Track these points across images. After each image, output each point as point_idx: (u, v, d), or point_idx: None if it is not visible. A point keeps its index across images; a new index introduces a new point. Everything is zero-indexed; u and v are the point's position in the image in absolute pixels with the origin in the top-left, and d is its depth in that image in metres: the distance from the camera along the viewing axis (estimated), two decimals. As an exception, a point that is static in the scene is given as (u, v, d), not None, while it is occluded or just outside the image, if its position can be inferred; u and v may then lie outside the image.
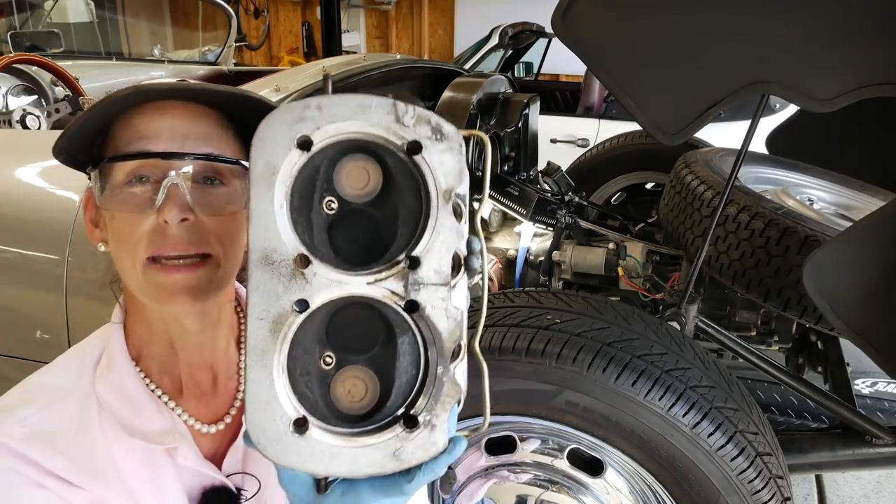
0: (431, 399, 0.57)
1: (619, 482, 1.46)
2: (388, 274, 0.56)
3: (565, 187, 2.32)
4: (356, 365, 0.58)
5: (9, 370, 1.87)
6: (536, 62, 5.23)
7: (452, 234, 0.56)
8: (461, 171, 0.56)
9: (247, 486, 0.82)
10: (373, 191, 0.56)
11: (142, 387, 0.79)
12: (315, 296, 0.56)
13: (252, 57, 9.77)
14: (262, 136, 0.55)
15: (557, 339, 1.34)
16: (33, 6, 4.50)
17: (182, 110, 0.75)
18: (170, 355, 0.81)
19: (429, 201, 0.56)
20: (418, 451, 0.57)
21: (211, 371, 0.83)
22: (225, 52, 4.10)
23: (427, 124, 0.56)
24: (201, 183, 0.74)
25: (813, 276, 1.23)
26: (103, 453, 0.75)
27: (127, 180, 0.73)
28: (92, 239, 0.81)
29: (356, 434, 0.57)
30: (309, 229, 0.56)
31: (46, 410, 0.75)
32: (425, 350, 0.58)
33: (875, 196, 2.13)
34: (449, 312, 0.57)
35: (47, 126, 2.69)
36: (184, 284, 0.73)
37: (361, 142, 0.56)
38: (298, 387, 0.57)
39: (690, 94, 1.21)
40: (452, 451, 0.58)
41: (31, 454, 0.72)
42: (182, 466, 0.79)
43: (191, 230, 0.73)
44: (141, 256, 0.72)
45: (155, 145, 0.73)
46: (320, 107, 0.55)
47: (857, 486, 2.55)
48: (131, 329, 0.82)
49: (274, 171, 0.55)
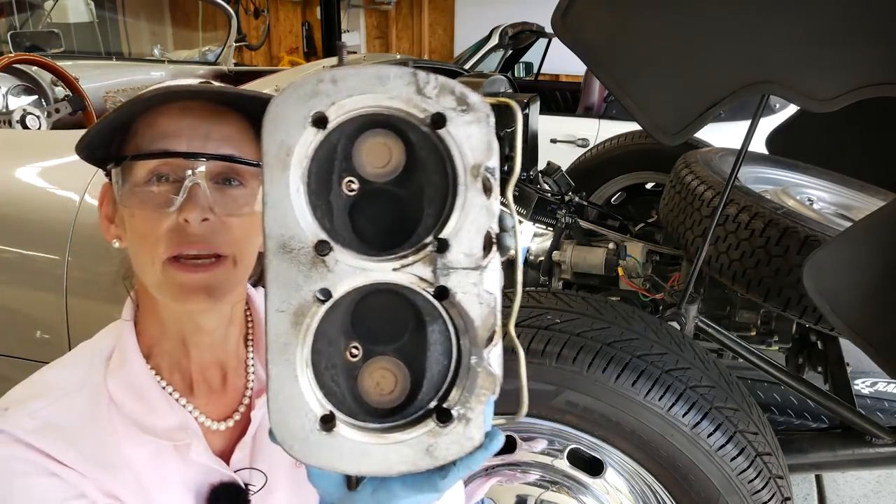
0: (465, 391, 0.54)
1: (619, 482, 1.46)
2: (414, 259, 0.53)
3: (565, 187, 2.32)
4: (384, 356, 0.54)
5: (9, 370, 1.87)
6: (536, 62, 5.23)
7: (483, 214, 0.52)
8: (490, 144, 0.52)
9: (254, 481, 0.83)
10: (395, 168, 0.53)
11: (154, 384, 0.80)
12: (338, 284, 0.52)
13: (252, 57, 9.77)
14: (274, 114, 0.51)
15: (557, 339, 1.34)
16: (33, 6, 4.50)
17: (205, 111, 0.75)
18: (182, 353, 0.81)
19: (456, 178, 0.52)
20: (453, 446, 0.54)
21: (221, 368, 0.84)
22: (225, 52, 4.10)
23: (451, 94, 0.51)
24: (220, 183, 0.75)
25: (813, 276, 1.23)
26: (114, 447, 0.76)
27: (147, 178, 0.74)
28: (107, 235, 0.81)
29: (386, 430, 0.54)
30: (329, 213, 0.53)
31: (57, 404, 0.75)
32: (457, 339, 0.54)
33: (875, 196, 2.13)
34: (482, 298, 0.53)
35: (47, 126, 2.69)
36: (202, 283, 0.73)
37: (381, 116, 0.52)
38: (324, 381, 0.54)
39: (690, 94, 1.21)
40: (489, 447, 0.55)
41: (43, 446, 0.72)
42: (191, 462, 0.79)
43: (210, 230, 0.73)
44: (161, 255, 0.73)
45: (176, 144, 0.73)
46: (335, 80, 0.51)
47: (857, 486, 2.55)
48: (143, 326, 0.82)
49: (288, 153, 0.51)
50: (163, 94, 0.72)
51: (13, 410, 0.74)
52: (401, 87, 0.51)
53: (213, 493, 0.80)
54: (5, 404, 0.75)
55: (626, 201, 3.16)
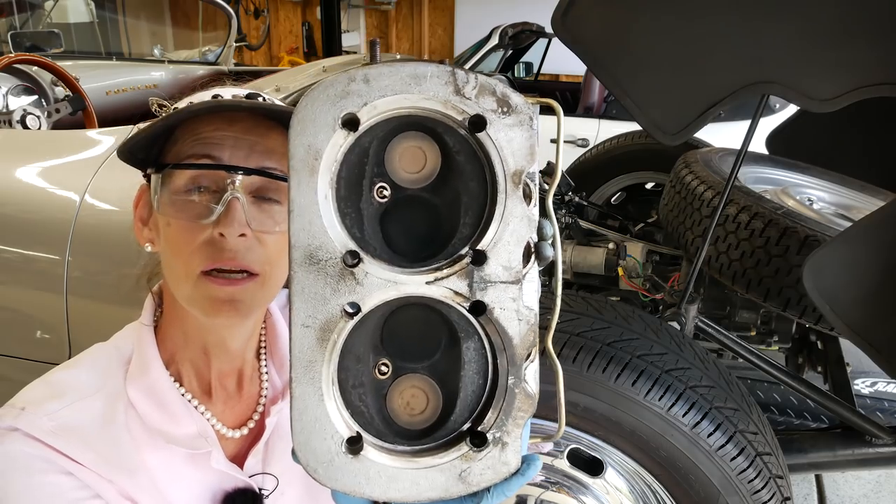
0: (502, 413, 0.51)
1: (619, 482, 1.46)
2: (449, 271, 0.49)
3: (565, 187, 2.32)
4: (415, 374, 0.51)
5: (9, 370, 1.87)
6: (536, 62, 5.23)
7: (524, 224, 0.49)
8: (531, 149, 0.49)
9: (266, 485, 0.83)
10: (430, 174, 0.49)
11: (174, 392, 0.80)
12: (367, 298, 0.49)
13: (252, 57, 9.77)
14: (302, 116, 0.48)
15: (557, 339, 1.34)
16: (33, 6, 4.50)
17: (249, 123, 0.75)
18: (202, 361, 0.81)
19: (495, 186, 0.49)
20: (487, 472, 0.51)
21: (238, 375, 0.85)
22: (225, 52, 4.10)
23: (492, 95, 0.48)
24: (259, 198, 0.74)
25: (813, 276, 1.23)
26: (131, 451, 0.76)
27: (187, 187, 0.73)
28: (140, 238, 0.81)
29: (416, 453, 0.51)
30: (359, 221, 0.49)
31: (74, 406, 0.75)
32: (493, 357, 0.51)
33: (875, 196, 2.13)
34: (521, 314, 0.50)
35: (47, 126, 2.69)
36: (231, 297, 0.73)
37: (416, 118, 0.49)
38: (351, 400, 0.51)
39: (690, 94, 1.21)
40: (526, 472, 0.52)
41: (61, 447, 0.72)
42: (208, 469, 0.79)
43: (245, 246, 0.73)
44: (196, 268, 0.72)
45: (220, 153, 0.72)
46: (367, 79, 0.48)
47: (857, 486, 2.55)
48: (165, 332, 0.82)
49: (317, 157, 0.48)
50: (213, 107, 0.72)
51: (30, 410, 0.74)
52: (438, 86, 0.48)
53: (229, 498, 0.81)
54: (21, 403, 0.75)
55: (626, 201, 3.16)
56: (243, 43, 7.31)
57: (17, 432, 0.72)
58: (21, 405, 0.74)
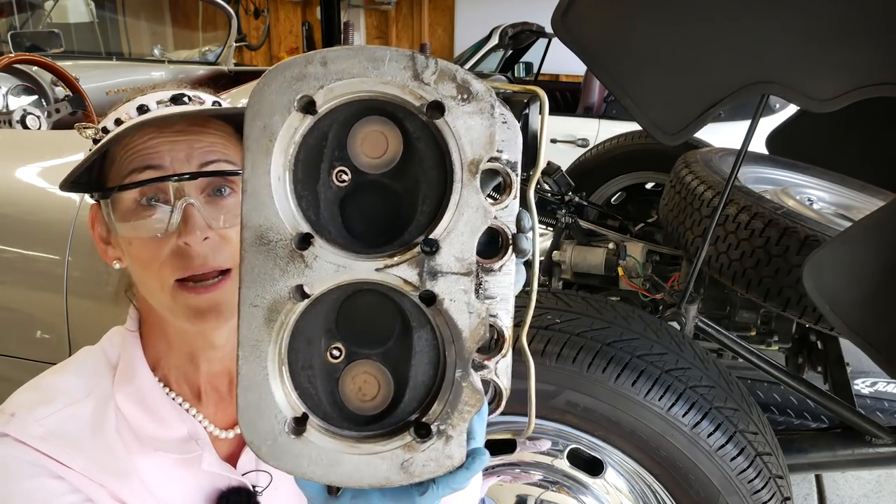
0: (447, 406, 0.50)
1: (619, 482, 1.46)
2: (400, 259, 0.49)
3: (565, 187, 2.32)
4: (368, 360, 0.51)
5: (9, 370, 1.87)
6: (536, 62, 5.22)
7: (479, 215, 0.48)
8: (491, 138, 0.48)
9: (260, 482, 0.83)
10: (391, 160, 0.49)
11: (163, 396, 0.79)
12: (316, 281, 0.49)
13: (252, 57, 9.77)
14: (258, 97, 0.48)
15: (557, 339, 1.34)
16: (33, 6, 4.50)
17: (183, 123, 0.74)
18: (190, 366, 0.81)
19: (452, 174, 0.48)
20: (430, 463, 0.50)
21: (229, 375, 0.84)
22: (225, 52, 4.10)
23: (452, 81, 0.47)
24: (212, 195, 0.74)
25: (813, 276, 1.23)
26: (122, 455, 0.76)
27: (137, 204, 0.72)
28: (105, 258, 0.80)
29: (361, 438, 0.51)
30: (315, 204, 0.49)
31: (64, 412, 0.75)
32: (444, 349, 0.51)
33: (875, 196, 2.13)
34: (472, 307, 0.49)
35: (47, 126, 2.69)
36: (212, 303, 0.72)
37: (377, 102, 0.48)
38: (300, 382, 0.51)
39: (690, 94, 1.21)
40: (471, 466, 0.51)
41: (51, 452, 0.72)
42: (200, 470, 0.79)
43: (211, 248, 0.72)
44: (168, 279, 0.72)
45: (159, 161, 0.71)
46: (325, 61, 0.47)
47: (857, 486, 2.55)
48: (148, 340, 0.82)
49: (271, 138, 0.48)
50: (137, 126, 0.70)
51: (20, 416, 0.73)
52: (396, 70, 0.47)
53: (223, 497, 0.80)
54: (11, 409, 0.74)
55: (626, 201, 3.16)
56: (243, 43, 7.30)
57: (7, 438, 0.72)
58: (11, 411, 0.74)
